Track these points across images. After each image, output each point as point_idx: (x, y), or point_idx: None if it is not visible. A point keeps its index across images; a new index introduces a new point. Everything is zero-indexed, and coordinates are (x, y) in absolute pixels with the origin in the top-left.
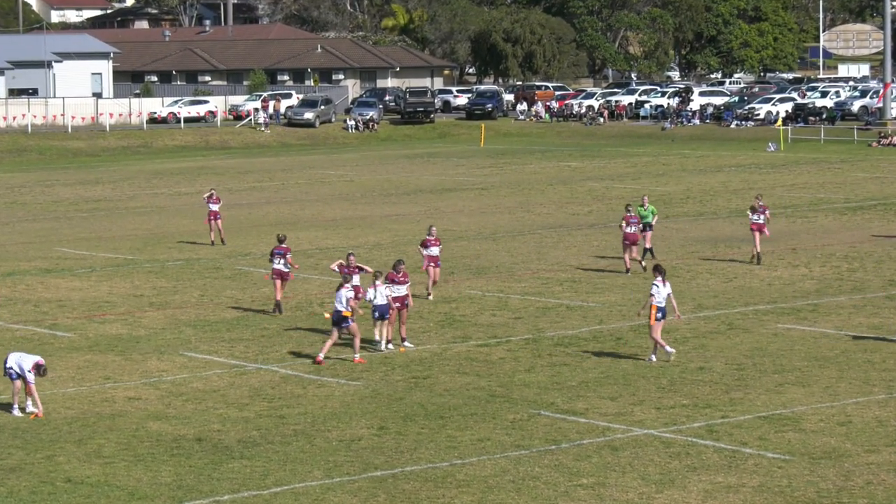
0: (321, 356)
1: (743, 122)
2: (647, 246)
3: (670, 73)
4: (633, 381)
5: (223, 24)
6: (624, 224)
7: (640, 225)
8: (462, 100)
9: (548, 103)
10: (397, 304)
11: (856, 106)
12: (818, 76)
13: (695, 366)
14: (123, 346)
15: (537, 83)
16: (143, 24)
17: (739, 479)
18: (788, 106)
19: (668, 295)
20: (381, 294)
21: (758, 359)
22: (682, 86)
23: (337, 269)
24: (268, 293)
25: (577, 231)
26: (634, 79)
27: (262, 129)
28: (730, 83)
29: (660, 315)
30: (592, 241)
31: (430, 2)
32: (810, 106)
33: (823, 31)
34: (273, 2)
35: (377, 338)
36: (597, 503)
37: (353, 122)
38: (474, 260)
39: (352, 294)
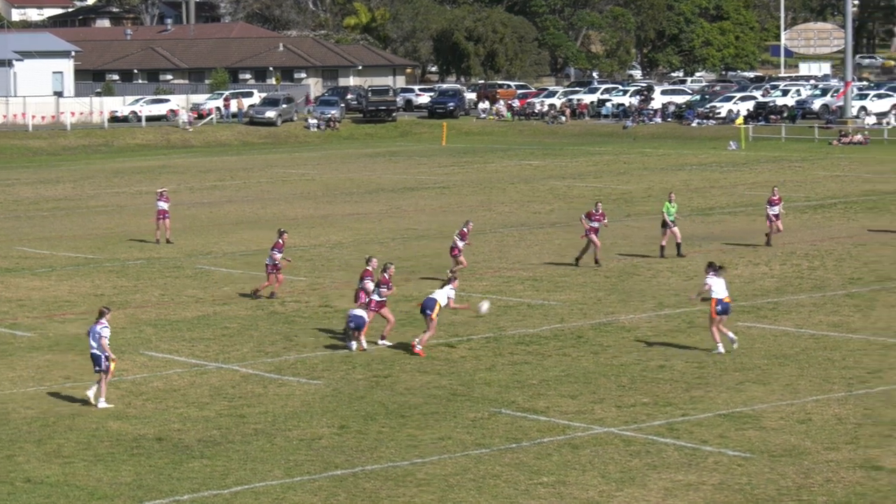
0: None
1: (704, 121)
2: (678, 241)
3: (632, 72)
4: (594, 379)
5: (185, 22)
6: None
7: (605, 220)
8: (424, 98)
9: (510, 102)
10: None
11: (817, 104)
12: (779, 75)
13: (655, 364)
14: (84, 346)
15: (499, 82)
16: (104, 23)
17: (699, 476)
18: (749, 104)
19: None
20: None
21: (718, 357)
22: (643, 84)
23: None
24: (229, 292)
25: (539, 230)
26: (596, 77)
27: (187, 128)
28: (691, 82)
29: (719, 308)
30: (554, 239)
31: (393, 0)
32: (771, 104)
33: (785, 29)
34: (235, 0)
35: (353, 345)
36: (557, 501)
37: (314, 121)
38: (435, 259)
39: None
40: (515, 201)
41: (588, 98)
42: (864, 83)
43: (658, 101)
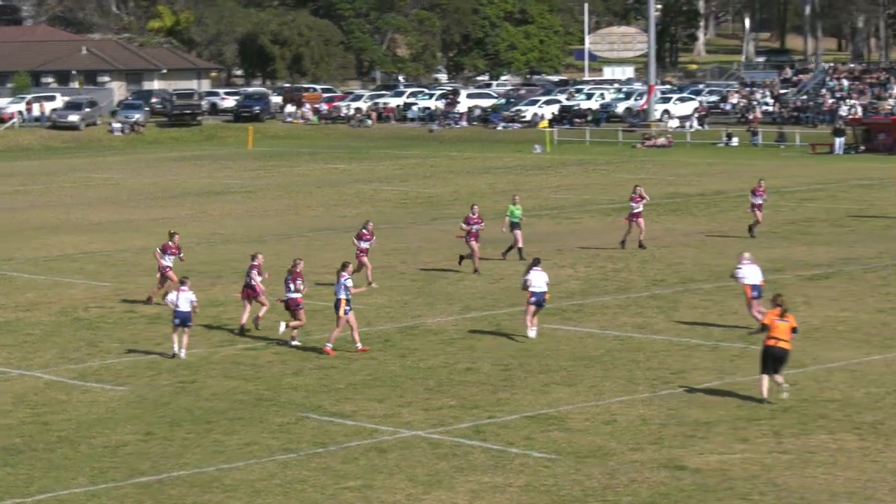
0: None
1: (509, 124)
2: (520, 245)
3: (438, 76)
4: (401, 382)
5: None
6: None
7: (482, 224)
8: (229, 102)
9: (316, 105)
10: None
11: (620, 108)
12: (584, 78)
13: (462, 367)
14: None
15: (305, 85)
16: None
17: (506, 478)
18: (554, 108)
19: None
20: (185, 300)
21: (524, 359)
22: (449, 88)
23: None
24: (32, 298)
25: (346, 233)
26: (402, 81)
27: None
28: (497, 85)
29: (755, 293)
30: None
31: (197, 3)
32: (576, 108)
33: (589, 33)
34: (37, 3)
35: (175, 347)
36: None
37: (119, 125)
38: (242, 263)
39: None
40: (322, 205)
41: (394, 101)
42: (668, 86)
43: (464, 104)
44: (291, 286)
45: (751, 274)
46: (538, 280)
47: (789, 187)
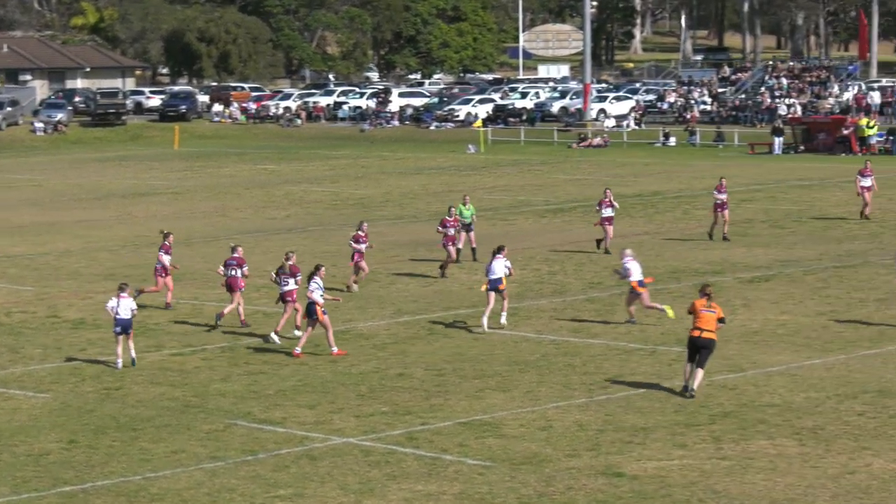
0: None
1: (442, 124)
2: (473, 246)
3: (369, 74)
4: (332, 388)
5: None
6: (444, 227)
7: (459, 226)
8: (155, 101)
9: (244, 104)
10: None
11: (556, 107)
12: (518, 77)
13: (395, 372)
14: None
15: (233, 84)
16: None
17: (440, 486)
18: (488, 107)
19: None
20: (126, 307)
21: (458, 364)
22: (380, 87)
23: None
24: None
25: (275, 235)
26: (332, 79)
27: None
28: (429, 84)
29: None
30: (290, 245)
31: (122, 0)
32: (510, 107)
33: (523, 31)
34: None
35: (119, 360)
36: None
37: (41, 124)
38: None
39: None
40: (251, 206)
41: (324, 101)
42: (604, 85)
43: (395, 103)
44: (289, 280)
45: (635, 270)
46: (497, 266)
47: (727, 188)
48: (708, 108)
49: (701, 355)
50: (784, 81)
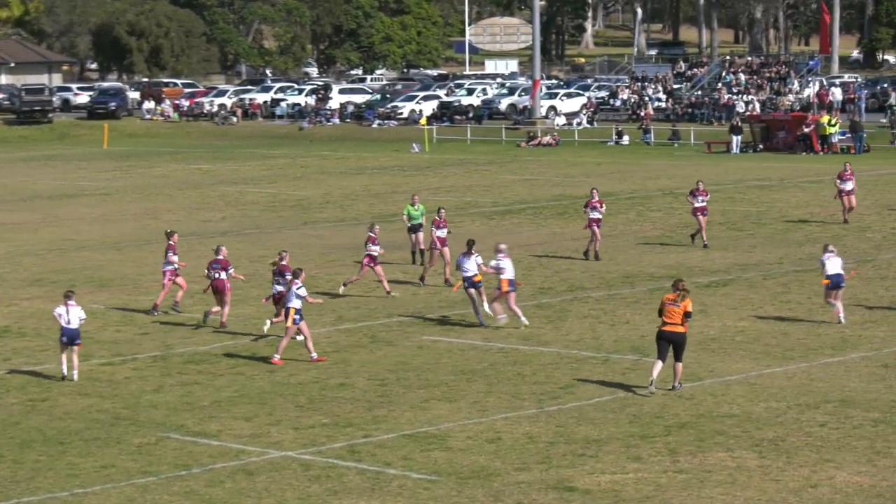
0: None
1: (385, 122)
2: (421, 247)
3: (308, 70)
4: (270, 399)
5: None
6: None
7: (416, 225)
8: (83, 98)
9: (176, 101)
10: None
11: (504, 104)
12: (464, 72)
13: (335, 382)
14: None
15: (165, 80)
16: None
17: (383, 501)
18: (433, 104)
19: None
20: (75, 316)
21: (402, 373)
22: (320, 83)
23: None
24: None
25: (210, 239)
26: (269, 75)
27: None
28: (371, 80)
29: (511, 288)
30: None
31: None
32: (456, 104)
33: (470, 24)
34: None
35: (64, 368)
36: None
37: None
38: (97, 271)
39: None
40: (184, 208)
41: (261, 97)
42: (554, 81)
43: (336, 100)
44: (281, 280)
45: (508, 268)
46: (470, 264)
47: (683, 188)
48: (663, 105)
49: (674, 350)
50: (742, 77)
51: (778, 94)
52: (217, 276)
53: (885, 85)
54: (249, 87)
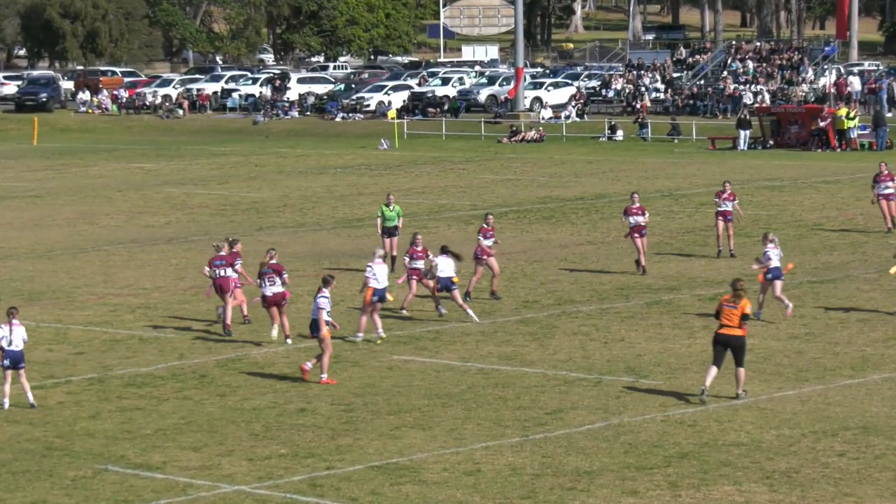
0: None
1: (350, 115)
2: (393, 254)
3: (263, 57)
4: (221, 427)
5: None
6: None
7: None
8: (10, 88)
9: (115, 92)
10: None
11: (483, 95)
12: (439, 60)
13: (295, 407)
14: None
15: (102, 68)
16: None
17: None
18: (404, 95)
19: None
20: (18, 336)
21: (370, 397)
22: (277, 71)
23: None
24: None
25: (153, 247)
26: (220, 63)
27: None
28: (334, 68)
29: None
30: (171, 258)
31: None
32: (429, 95)
33: (444, 5)
34: None
35: (6, 400)
36: None
37: None
38: (27, 283)
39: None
40: (124, 212)
41: (210, 88)
42: (539, 70)
43: (295, 91)
44: (276, 279)
45: (446, 267)
46: (445, 265)
47: (684, 189)
48: (661, 96)
49: (733, 355)
50: (750, 65)
51: (790, 83)
52: (221, 273)
53: None
54: (197, 77)
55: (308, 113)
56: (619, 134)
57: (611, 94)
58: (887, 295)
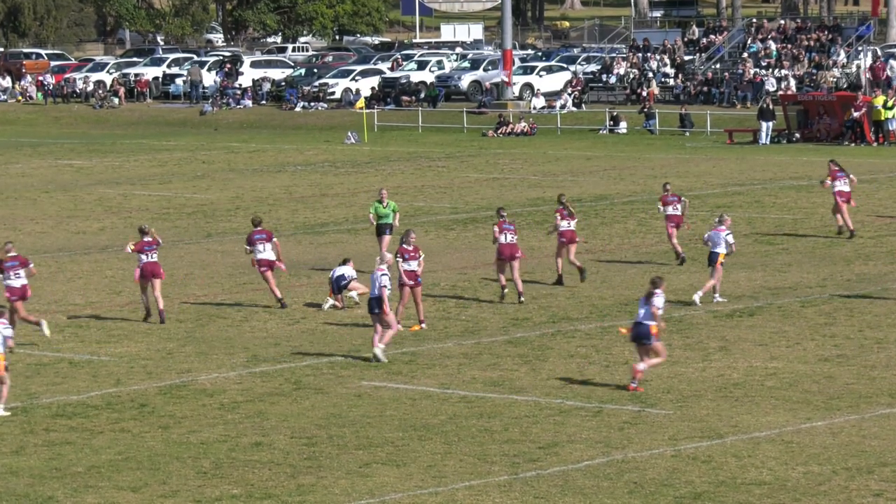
0: None
1: (312, 105)
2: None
3: (211, 37)
4: (164, 463)
5: None
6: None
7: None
8: None
9: (40, 78)
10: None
11: (465, 82)
12: (414, 40)
13: (249, 441)
14: None
15: (26, 50)
16: None
17: None
18: (374, 81)
19: None
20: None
21: (335, 429)
22: (227, 54)
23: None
24: None
25: (84, 256)
26: (161, 44)
27: None
28: (293, 50)
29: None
30: (105, 269)
31: None
32: (404, 81)
33: None
34: None
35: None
36: None
37: None
38: None
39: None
40: (50, 217)
41: (151, 72)
42: (530, 52)
43: (248, 76)
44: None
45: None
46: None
47: (697, 190)
48: (671, 82)
49: None
50: (773, 46)
51: (819, 67)
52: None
53: None
54: (135, 60)
55: (263, 102)
56: (622, 126)
57: (612, 79)
58: None
